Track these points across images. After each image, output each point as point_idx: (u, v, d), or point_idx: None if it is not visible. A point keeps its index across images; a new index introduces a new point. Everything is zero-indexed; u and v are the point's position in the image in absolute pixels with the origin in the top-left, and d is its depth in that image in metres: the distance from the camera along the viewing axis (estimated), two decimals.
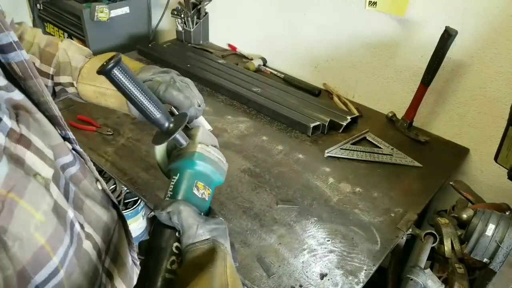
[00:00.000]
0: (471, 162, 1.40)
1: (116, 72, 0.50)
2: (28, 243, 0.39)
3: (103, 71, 0.49)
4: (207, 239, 0.50)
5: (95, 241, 0.54)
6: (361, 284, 0.92)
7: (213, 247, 0.50)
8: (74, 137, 0.58)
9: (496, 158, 1.11)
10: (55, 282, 0.43)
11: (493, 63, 1.24)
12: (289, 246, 1.00)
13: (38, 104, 0.52)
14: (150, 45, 1.95)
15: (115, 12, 2.08)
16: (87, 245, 0.52)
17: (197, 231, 0.50)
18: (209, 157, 0.59)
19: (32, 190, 0.39)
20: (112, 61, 0.49)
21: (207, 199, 0.57)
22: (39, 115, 0.48)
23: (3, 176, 0.36)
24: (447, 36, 1.21)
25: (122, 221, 0.68)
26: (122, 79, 0.51)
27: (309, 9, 1.64)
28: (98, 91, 0.67)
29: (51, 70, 0.69)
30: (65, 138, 0.56)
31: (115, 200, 0.67)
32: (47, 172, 0.43)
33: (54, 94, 0.72)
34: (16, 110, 0.43)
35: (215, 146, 0.63)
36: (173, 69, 0.72)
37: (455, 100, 1.38)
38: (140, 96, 0.53)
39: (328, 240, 1.02)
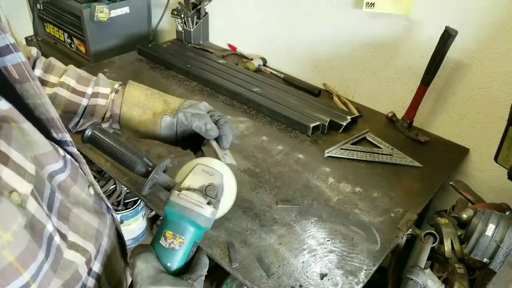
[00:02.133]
0: (471, 162, 1.40)
1: (96, 133, 0.60)
2: None
3: (85, 137, 0.60)
4: None
5: (83, 248, 0.53)
6: (361, 284, 0.92)
7: None
8: (71, 139, 0.57)
9: (496, 158, 1.11)
10: None
11: (493, 63, 1.24)
12: (289, 246, 1.00)
13: (34, 108, 0.51)
14: (150, 45, 1.95)
15: (115, 12, 2.08)
16: (70, 254, 0.51)
17: None
18: (179, 204, 0.57)
19: (1, 211, 0.39)
20: (88, 128, 0.60)
21: (176, 248, 0.56)
22: (27, 124, 0.47)
23: None
24: (447, 36, 1.21)
25: (115, 225, 0.68)
26: (103, 137, 0.61)
27: (309, 9, 1.64)
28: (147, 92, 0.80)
29: (88, 90, 0.78)
30: (61, 141, 0.56)
31: (109, 204, 0.66)
32: (25, 188, 0.42)
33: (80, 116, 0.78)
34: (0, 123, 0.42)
35: (208, 186, 0.60)
36: (173, 69, 0.81)
37: (455, 100, 1.38)
38: (118, 150, 0.62)
39: (328, 240, 1.02)
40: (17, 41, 0.72)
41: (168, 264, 0.55)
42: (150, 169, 0.65)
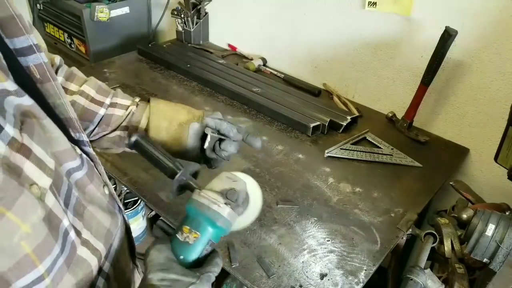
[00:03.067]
0: (471, 162, 1.40)
1: (140, 140, 0.71)
2: (11, 251, 0.39)
3: (130, 142, 0.71)
4: (152, 285, 0.52)
5: (94, 247, 0.54)
6: (361, 284, 0.92)
7: None
8: (87, 140, 0.59)
9: (496, 158, 1.11)
10: None
11: (493, 63, 1.24)
12: (289, 246, 1.00)
13: (54, 107, 0.53)
14: (150, 45, 1.95)
15: (115, 12, 2.08)
16: (83, 251, 0.52)
17: (148, 275, 0.53)
18: (199, 201, 0.61)
19: (22, 202, 0.39)
20: (136, 135, 0.71)
21: (191, 242, 0.59)
22: (47, 121, 0.48)
23: None
24: (447, 36, 1.21)
25: (125, 226, 0.69)
26: (146, 145, 0.71)
27: (309, 9, 1.64)
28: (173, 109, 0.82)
29: (107, 100, 0.81)
30: (78, 141, 0.57)
31: (121, 205, 0.67)
32: (44, 181, 0.43)
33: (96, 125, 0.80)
34: (22, 118, 0.44)
35: (230, 190, 0.63)
36: (173, 69, 0.81)
37: (455, 100, 1.38)
38: (159, 155, 0.71)
39: (328, 240, 1.02)
40: (41, 47, 0.74)
41: (181, 257, 0.58)
42: (178, 171, 0.69)
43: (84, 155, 0.57)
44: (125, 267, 0.66)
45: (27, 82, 0.49)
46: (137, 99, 0.84)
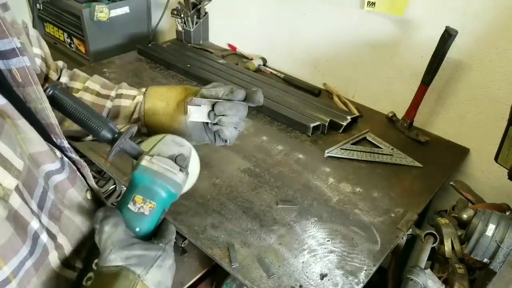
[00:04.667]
0: (471, 162, 1.40)
1: (57, 93, 0.58)
2: None
3: (48, 95, 0.57)
4: (116, 266, 0.49)
5: (63, 252, 0.53)
6: (361, 284, 0.92)
7: (117, 274, 0.49)
8: (69, 146, 0.57)
9: (496, 158, 1.10)
10: None
11: (493, 63, 1.24)
12: (289, 246, 1.00)
13: (35, 112, 0.52)
14: (150, 45, 1.95)
15: (115, 12, 2.08)
16: (53, 257, 0.51)
17: (109, 256, 0.49)
18: (152, 168, 0.56)
19: None
20: (50, 85, 0.58)
21: (146, 213, 0.54)
22: (22, 122, 0.47)
23: None
24: (447, 36, 1.21)
25: None
26: (65, 98, 0.59)
27: (309, 9, 1.63)
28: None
29: (112, 93, 0.78)
30: (60, 147, 0.56)
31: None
32: (8, 182, 0.42)
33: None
34: None
35: (179, 156, 0.59)
36: (173, 69, 0.78)
37: (455, 100, 1.38)
38: (88, 113, 0.60)
39: (328, 240, 1.02)
40: (45, 53, 0.74)
41: (137, 229, 0.54)
42: (116, 135, 0.61)
43: (65, 159, 0.56)
44: None
45: (3, 86, 0.48)
46: (143, 89, 0.81)
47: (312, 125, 1.38)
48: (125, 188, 0.66)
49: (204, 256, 1.45)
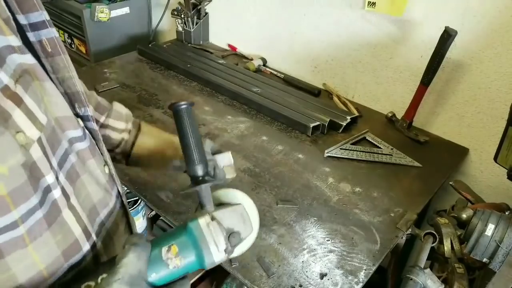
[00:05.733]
0: (471, 162, 1.41)
1: (185, 110, 0.59)
2: None
3: (177, 106, 0.58)
4: None
5: (79, 215, 0.53)
6: (361, 284, 0.92)
7: None
8: (93, 115, 0.60)
9: (495, 158, 1.11)
10: (14, 235, 0.43)
11: (493, 63, 1.25)
12: (289, 246, 1.00)
13: (62, 81, 0.54)
14: (150, 45, 1.96)
15: (115, 12, 2.08)
16: (69, 216, 0.51)
17: (114, 283, 0.47)
18: (203, 232, 0.54)
19: (1, 143, 0.40)
20: (184, 102, 0.59)
21: (170, 267, 0.52)
22: (49, 84, 0.50)
23: None
24: (447, 36, 1.22)
25: (125, 212, 0.68)
26: (189, 119, 0.59)
27: (309, 9, 1.64)
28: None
29: (102, 119, 0.78)
30: (83, 116, 0.58)
31: (120, 189, 0.66)
32: (32, 133, 0.43)
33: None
34: (22, 73, 0.45)
35: (235, 233, 0.56)
36: (173, 69, 0.78)
37: (455, 100, 1.38)
38: (193, 138, 0.59)
39: (328, 240, 1.02)
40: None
41: (152, 274, 0.51)
42: (204, 178, 0.60)
43: (86, 130, 0.58)
44: (119, 252, 0.65)
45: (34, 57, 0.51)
46: (130, 124, 0.83)
47: (312, 125, 1.39)
48: (126, 189, 0.64)
49: None
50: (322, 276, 0.93)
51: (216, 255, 0.54)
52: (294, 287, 0.90)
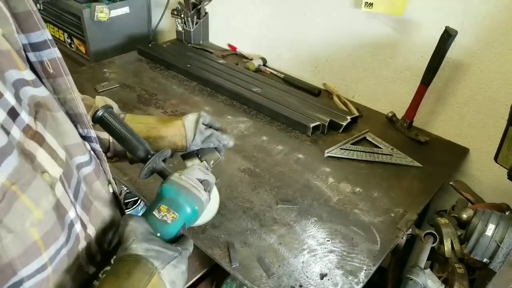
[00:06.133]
0: (471, 162, 1.40)
1: (106, 115, 0.65)
2: (21, 237, 0.39)
3: (96, 117, 0.65)
4: (137, 255, 0.50)
5: (91, 242, 0.55)
6: (361, 284, 0.92)
7: (138, 261, 0.50)
8: (95, 136, 0.59)
9: (496, 158, 1.11)
10: (41, 277, 0.43)
11: (493, 63, 1.24)
12: (289, 246, 1.00)
13: (64, 102, 0.53)
14: (150, 45, 1.95)
15: (115, 12, 2.08)
16: (83, 245, 0.52)
17: (131, 245, 0.51)
18: (179, 182, 0.61)
19: (36, 186, 0.40)
20: (100, 109, 0.65)
21: (169, 221, 0.58)
22: (60, 114, 0.50)
23: (11, 168, 0.37)
24: (447, 36, 1.21)
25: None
26: (112, 120, 0.66)
27: (309, 9, 1.64)
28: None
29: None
30: (86, 137, 0.58)
31: (122, 205, 0.68)
32: (55, 171, 0.43)
33: None
34: (36, 108, 0.44)
35: (204, 181, 0.65)
36: (173, 69, 0.79)
37: (455, 100, 1.38)
38: (124, 131, 0.67)
39: (328, 240, 1.02)
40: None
41: (158, 234, 0.57)
42: (149, 156, 0.68)
43: (91, 152, 0.58)
44: None
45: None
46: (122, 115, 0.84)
47: (312, 125, 1.39)
48: (125, 189, 0.69)
49: (204, 256, 1.45)
50: (322, 276, 0.93)
51: (200, 195, 0.61)
52: (294, 287, 0.90)
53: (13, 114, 0.39)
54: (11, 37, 0.44)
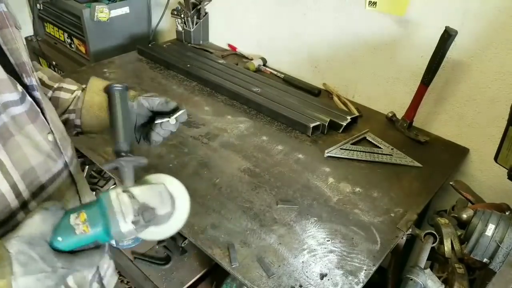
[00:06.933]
0: (471, 162, 1.40)
1: (117, 94, 0.66)
2: None
3: (109, 89, 0.67)
4: (6, 250, 0.49)
5: (7, 170, 0.55)
6: (361, 284, 0.92)
7: (1, 256, 0.48)
8: (36, 84, 0.63)
9: (496, 158, 1.10)
10: None
11: (493, 63, 1.24)
12: (289, 246, 1.00)
13: (10, 53, 0.59)
14: (150, 45, 1.95)
15: (115, 12, 2.08)
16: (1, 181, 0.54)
17: (12, 239, 0.50)
18: (111, 202, 0.55)
19: None
20: (120, 85, 0.67)
21: (77, 232, 0.54)
22: None
23: None
24: (447, 36, 1.21)
25: (73, 181, 0.70)
26: (118, 100, 0.66)
27: (309, 9, 1.64)
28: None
29: (55, 85, 0.83)
30: (28, 86, 0.62)
31: (68, 159, 0.68)
32: None
33: None
34: None
35: (150, 210, 0.57)
36: (173, 69, 0.79)
37: (455, 100, 1.38)
38: (121, 118, 0.66)
39: (328, 240, 1.02)
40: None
41: (58, 238, 0.53)
42: (123, 155, 0.66)
43: (28, 97, 0.61)
44: None
45: None
46: (84, 85, 0.86)
47: (312, 125, 1.39)
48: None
49: (204, 256, 1.45)
50: (322, 276, 0.93)
51: (123, 225, 0.55)
52: (294, 287, 0.90)
53: None
54: None
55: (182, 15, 1.99)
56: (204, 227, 1.03)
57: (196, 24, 2.01)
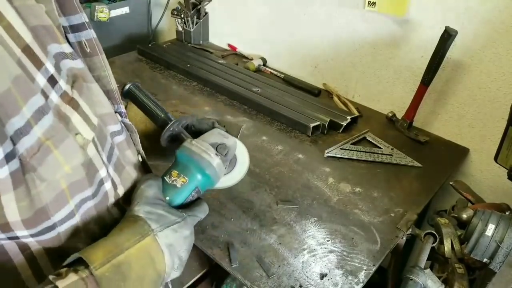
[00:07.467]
0: (471, 162, 1.40)
1: (133, 88, 0.75)
2: (52, 185, 0.44)
3: (124, 91, 0.73)
4: (137, 216, 0.54)
5: (122, 200, 0.59)
6: (361, 284, 0.92)
7: (136, 221, 0.53)
8: (124, 111, 0.65)
9: (496, 158, 1.11)
10: (71, 223, 0.49)
11: (493, 63, 1.24)
12: (289, 246, 1.00)
13: (98, 80, 0.59)
14: (150, 45, 1.95)
15: (115, 12, 2.08)
16: (111, 202, 0.56)
17: (134, 207, 0.55)
18: (190, 148, 0.63)
19: (68, 144, 0.45)
20: (128, 83, 0.74)
21: (178, 186, 0.61)
22: (94, 85, 0.54)
23: (46, 126, 0.42)
24: (447, 36, 1.21)
25: None
26: (138, 93, 0.75)
27: (309, 9, 1.64)
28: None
29: None
30: (117, 112, 0.62)
31: (151, 171, 0.72)
32: (87, 134, 0.48)
33: None
34: (74, 78, 0.50)
35: (220, 145, 0.65)
36: (173, 69, 0.78)
37: (455, 100, 1.38)
38: (151, 105, 0.74)
39: (328, 240, 1.02)
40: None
41: (167, 198, 0.59)
42: (169, 122, 0.71)
43: (122, 124, 0.63)
44: None
45: None
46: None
47: (312, 125, 1.39)
48: None
49: (204, 256, 1.45)
50: (322, 276, 0.93)
51: (211, 159, 0.63)
52: (294, 287, 0.90)
53: (52, 81, 0.45)
54: (52, 14, 0.49)
55: (182, 15, 1.99)
56: (204, 227, 1.03)
57: (196, 24, 2.01)
